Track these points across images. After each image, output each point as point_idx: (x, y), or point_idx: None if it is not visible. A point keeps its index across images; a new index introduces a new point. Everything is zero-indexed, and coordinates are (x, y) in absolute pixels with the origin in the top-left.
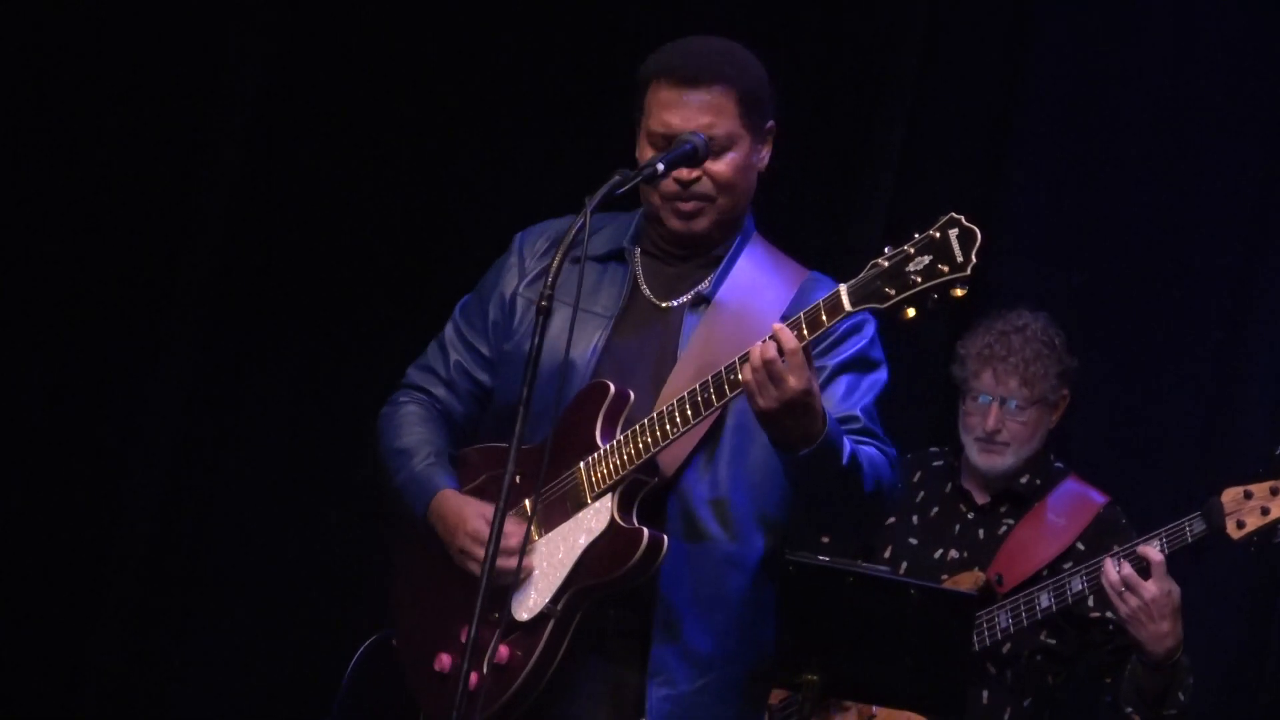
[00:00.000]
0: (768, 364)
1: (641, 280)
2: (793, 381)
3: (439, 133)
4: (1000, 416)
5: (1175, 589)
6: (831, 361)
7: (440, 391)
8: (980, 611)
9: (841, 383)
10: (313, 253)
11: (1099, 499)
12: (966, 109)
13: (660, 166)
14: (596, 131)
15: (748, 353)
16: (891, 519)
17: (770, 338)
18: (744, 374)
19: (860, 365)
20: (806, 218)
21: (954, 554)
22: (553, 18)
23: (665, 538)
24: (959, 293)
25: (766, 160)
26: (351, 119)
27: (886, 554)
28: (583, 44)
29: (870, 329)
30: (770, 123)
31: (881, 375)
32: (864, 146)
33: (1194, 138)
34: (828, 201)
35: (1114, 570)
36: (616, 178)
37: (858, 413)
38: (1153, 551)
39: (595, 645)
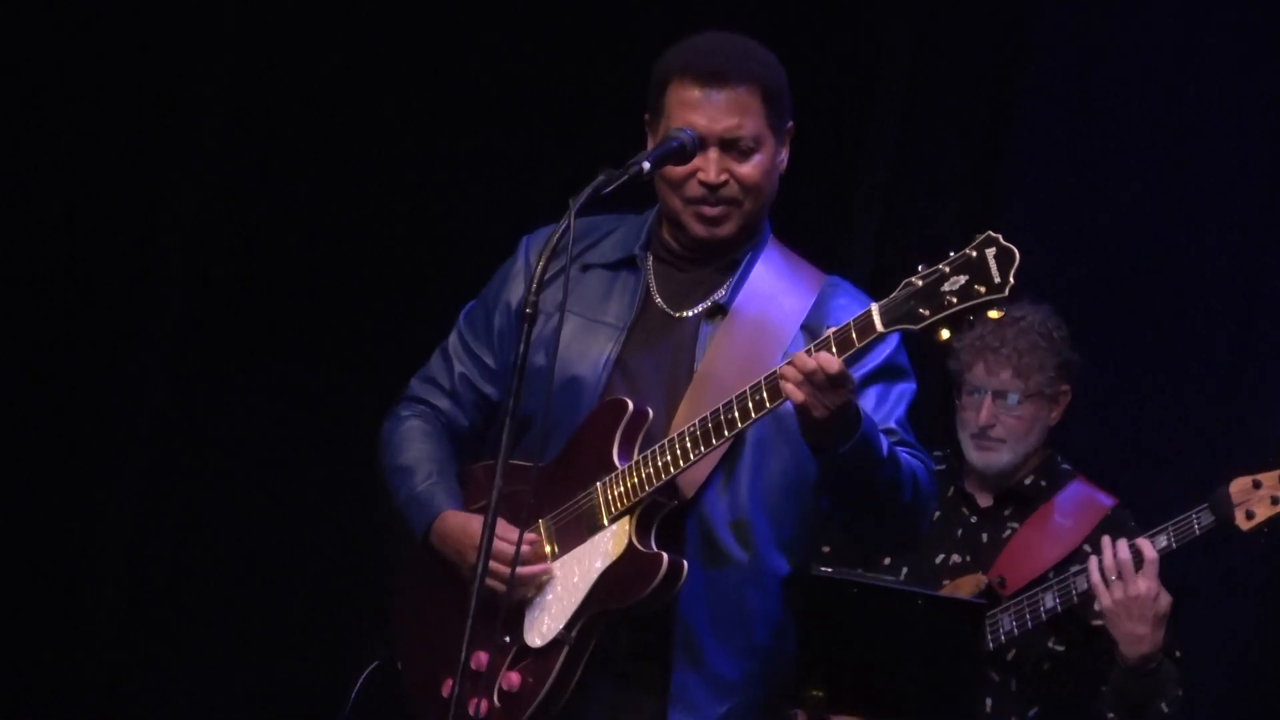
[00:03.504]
0: (810, 376)
1: (654, 289)
2: (841, 394)
3: (428, 133)
4: (994, 411)
5: (1165, 597)
6: (858, 373)
7: (444, 404)
8: None
9: (870, 394)
10: (297, 256)
11: (1107, 501)
12: (962, 106)
13: (646, 165)
14: (589, 132)
15: (779, 371)
16: None
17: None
18: (790, 392)
19: (888, 374)
20: (801, 215)
21: (956, 558)
22: (545, 17)
23: (685, 562)
24: (995, 314)
25: (786, 162)
26: (337, 118)
27: (886, 561)
28: (573, 44)
29: (895, 336)
30: (790, 123)
31: (910, 384)
32: (858, 142)
33: (1197, 130)
34: (822, 198)
35: (1111, 553)
36: (601, 178)
37: (892, 425)
38: (1149, 548)
39: (610, 670)
